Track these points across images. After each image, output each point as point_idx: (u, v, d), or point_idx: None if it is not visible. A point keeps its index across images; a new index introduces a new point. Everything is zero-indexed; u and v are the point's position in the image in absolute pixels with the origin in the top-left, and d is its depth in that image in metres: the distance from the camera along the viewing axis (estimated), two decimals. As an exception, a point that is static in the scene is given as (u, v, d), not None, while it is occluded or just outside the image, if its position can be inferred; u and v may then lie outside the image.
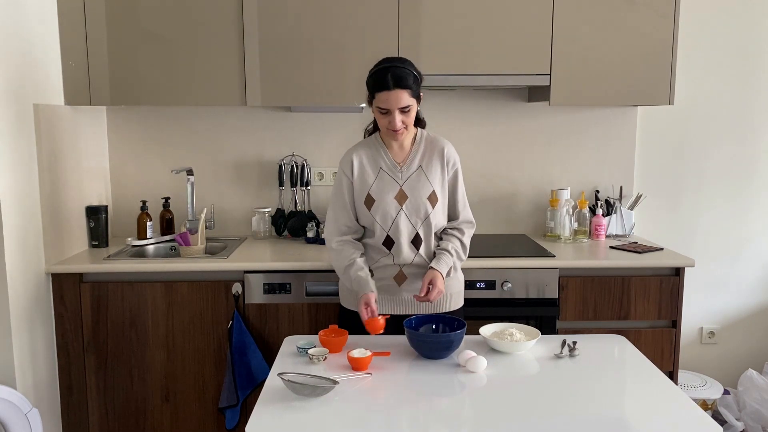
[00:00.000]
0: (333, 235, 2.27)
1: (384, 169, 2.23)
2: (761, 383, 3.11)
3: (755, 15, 3.25)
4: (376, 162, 2.24)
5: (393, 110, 2.10)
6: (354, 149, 2.28)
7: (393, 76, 2.08)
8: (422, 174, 2.23)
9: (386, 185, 2.22)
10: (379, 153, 2.25)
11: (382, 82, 2.08)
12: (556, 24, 2.82)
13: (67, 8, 2.75)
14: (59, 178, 2.72)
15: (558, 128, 3.27)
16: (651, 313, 2.74)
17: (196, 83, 2.81)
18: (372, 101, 2.15)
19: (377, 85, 2.10)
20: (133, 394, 2.73)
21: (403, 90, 2.08)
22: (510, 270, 2.68)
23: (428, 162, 2.25)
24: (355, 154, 2.25)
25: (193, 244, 2.82)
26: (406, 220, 2.22)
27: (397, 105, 2.09)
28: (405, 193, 2.22)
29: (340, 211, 2.26)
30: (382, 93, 2.09)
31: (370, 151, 2.26)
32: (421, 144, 2.27)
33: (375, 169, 2.24)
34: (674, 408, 1.66)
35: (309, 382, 1.69)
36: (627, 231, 3.20)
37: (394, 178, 2.23)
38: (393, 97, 2.08)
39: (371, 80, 2.13)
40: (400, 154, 2.25)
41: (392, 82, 2.07)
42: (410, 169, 2.24)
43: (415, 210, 2.22)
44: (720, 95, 3.30)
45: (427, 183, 2.23)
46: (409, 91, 2.10)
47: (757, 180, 3.37)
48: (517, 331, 2.05)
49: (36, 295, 2.56)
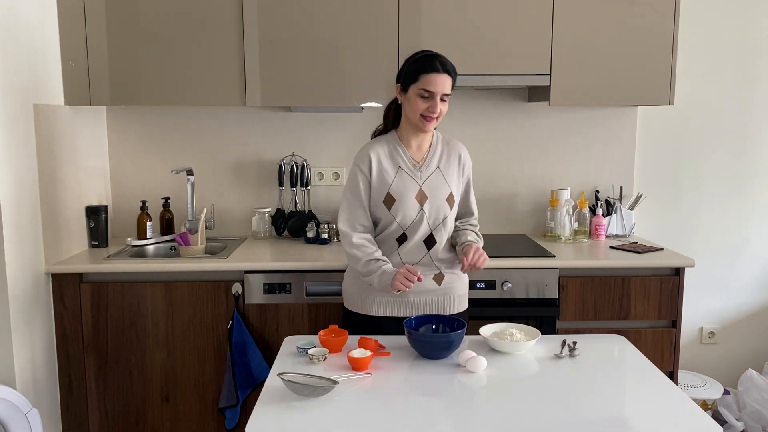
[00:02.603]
0: (351, 231, 2.20)
1: (403, 168, 2.20)
2: (761, 383, 3.11)
3: (755, 15, 3.25)
4: (394, 160, 2.21)
5: (437, 94, 2.09)
6: (370, 146, 2.23)
7: (441, 62, 2.10)
8: (440, 175, 2.22)
9: (406, 184, 2.19)
10: (397, 151, 2.21)
11: (432, 65, 2.09)
12: (556, 24, 2.82)
13: (67, 8, 2.75)
14: (59, 178, 2.72)
15: (558, 128, 3.27)
16: (651, 313, 2.74)
17: (196, 83, 2.81)
18: (411, 85, 2.11)
19: (426, 67, 2.09)
20: (133, 394, 2.73)
21: (449, 77, 2.11)
22: (510, 270, 2.68)
23: (446, 163, 2.24)
24: (372, 151, 2.20)
25: (193, 244, 2.82)
26: (425, 220, 2.20)
27: (443, 89, 2.09)
28: (425, 194, 2.20)
29: (356, 211, 2.21)
30: (431, 75, 2.08)
31: (388, 148, 2.22)
32: (438, 145, 2.26)
33: (394, 167, 2.20)
34: (674, 408, 1.66)
35: (309, 382, 1.69)
36: (627, 231, 3.20)
37: (413, 177, 2.20)
38: (441, 80, 2.09)
39: (417, 64, 2.11)
40: (418, 153, 2.23)
41: (441, 66, 2.09)
42: (429, 169, 2.22)
43: (435, 211, 2.20)
44: (720, 95, 3.30)
45: (445, 184, 2.22)
46: (452, 80, 2.12)
47: (757, 180, 3.37)
48: (517, 331, 2.05)
49: (36, 295, 2.56)
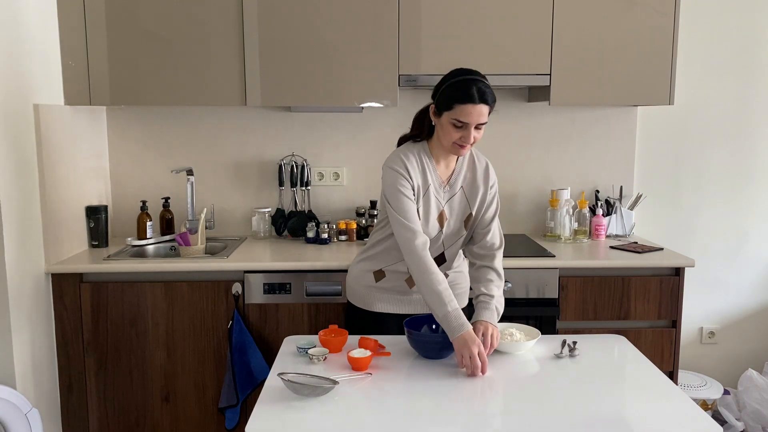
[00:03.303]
0: (416, 236, 2.02)
1: (432, 186, 2.11)
2: (761, 383, 3.11)
3: (755, 15, 3.25)
4: (425, 177, 2.10)
5: (471, 125, 1.97)
6: (406, 157, 2.08)
7: (479, 90, 1.94)
8: (464, 196, 2.16)
9: (431, 203, 2.11)
10: (428, 168, 2.11)
11: (468, 95, 1.94)
12: (556, 24, 2.82)
13: (67, 8, 2.75)
14: (59, 178, 2.72)
15: (558, 128, 3.27)
16: (651, 313, 2.74)
17: (196, 83, 2.81)
18: (444, 111, 1.99)
19: (462, 97, 1.94)
20: (133, 394, 2.73)
21: (486, 106, 1.97)
22: (510, 270, 2.68)
23: (471, 183, 2.15)
24: (409, 164, 2.07)
25: (193, 244, 2.82)
26: (441, 240, 2.16)
27: (478, 120, 1.96)
28: (445, 215, 2.14)
29: (413, 213, 2.05)
30: (466, 106, 1.94)
31: (421, 163, 2.10)
32: (464, 163, 2.16)
33: (425, 184, 2.10)
34: (674, 408, 1.66)
35: (309, 382, 1.69)
36: (627, 231, 3.20)
37: (438, 197, 2.13)
38: (476, 111, 1.95)
39: (452, 90, 1.97)
40: (446, 171, 2.14)
41: (478, 96, 1.94)
42: (453, 189, 2.14)
43: (451, 232, 2.16)
44: (720, 95, 3.30)
45: (466, 206, 2.16)
46: (489, 108, 1.98)
47: (756, 180, 3.37)
48: (517, 331, 2.05)
49: (36, 295, 2.56)
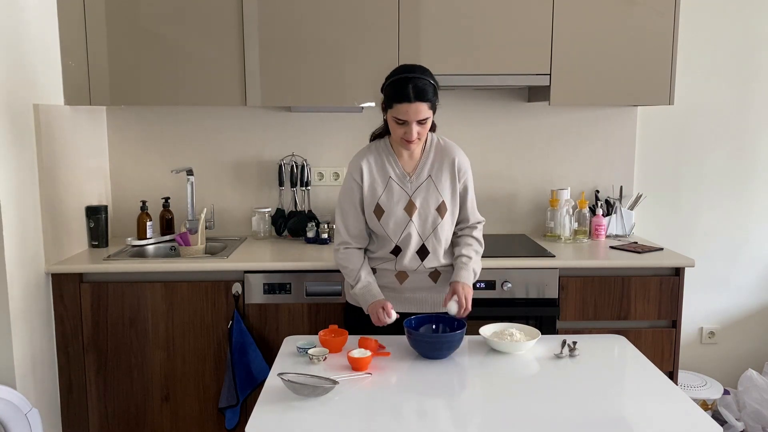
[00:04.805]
0: (340, 240, 2.23)
1: (393, 179, 2.19)
2: (761, 383, 3.11)
3: (755, 15, 3.25)
4: (385, 171, 2.19)
5: (411, 122, 2.05)
6: (362, 155, 2.22)
7: (414, 88, 2.01)
8: (432, 184, 2.19)
9: (395, 195, 2.18)
10: (388, 161, 2.20)
11: (402, 94, 2.02)
12: (556, 24, 2.82)
13: (67, 8, 2.75)
14: (59, 178, 2.72)
15: (558, 128, 3.27)
16: (651, 313, 2.74)
17: (196, 83, 2.81)
18: (387, 109, 2.09)
19: (397, 96, 2.03)
20: (133, 394, 2.73)
21: (423, 102, 2.03)
22: (510, 270, 2.68)
23: (438, 172, 2.20)
24: (364, 162, 2.19)
25: (193, 244, 2.82)
26: (415, 231, 2.19)
27: (416, 117, 2.04)
28: (414, 204, 2.18)
29: (350, 219, 2.22)
30: (402, 105, 2.03)
31: (379, 158, 2.20)
32: (431, 152, 2.22)
33: (384, 178, 2.19)
34: (674, 408, 1.66)
35: (309, 382, 1.69)
36: (627, 231, 3.20)
37: (403, 188, 2.18)
38: (413, 109, 2.02)
39: (390, 90, 2.06)
40: (410, 162, 2.21)
41: (413, 94, 2.01)
42: (419, 179, 2.19)
43: (423, 221, 2.19)
44: (720, 95, 3.30)
45: (436, 193, 2.19)
46: (428, 104, 2.04)
47: (756, 180, 3.37)
48: (517, 331, 2.05)
49: (36, 295, 2.56)
